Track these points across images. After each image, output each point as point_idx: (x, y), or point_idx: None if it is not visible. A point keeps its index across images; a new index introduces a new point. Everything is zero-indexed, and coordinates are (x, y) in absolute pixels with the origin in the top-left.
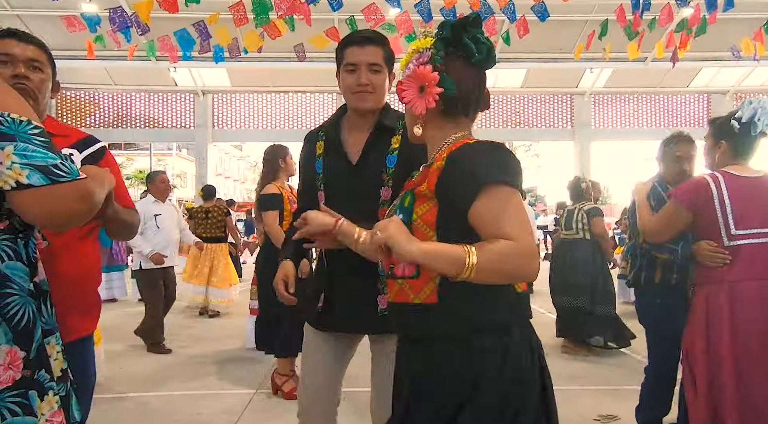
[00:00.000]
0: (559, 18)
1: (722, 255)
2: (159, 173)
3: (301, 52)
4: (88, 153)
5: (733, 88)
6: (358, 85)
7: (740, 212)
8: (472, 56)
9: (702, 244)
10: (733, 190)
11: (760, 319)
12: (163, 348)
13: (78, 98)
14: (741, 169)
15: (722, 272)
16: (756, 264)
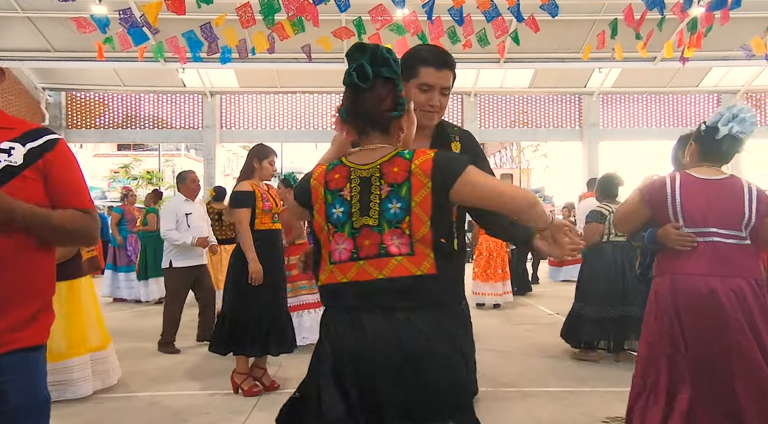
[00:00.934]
0: (567, 18)
1: (689, 238)
2: (189, 173)
3: (308, 53)
4: (33, 146)
5: (743, 88)
6: (430, 106)
7: (690, 211)
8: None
9: (668, 227)
10: (686, 191)
11: (704, 315)
12: (173, 348)
13: (87, 99)
14: (703, 171)
15: (671, 264)
16: (702, 260)
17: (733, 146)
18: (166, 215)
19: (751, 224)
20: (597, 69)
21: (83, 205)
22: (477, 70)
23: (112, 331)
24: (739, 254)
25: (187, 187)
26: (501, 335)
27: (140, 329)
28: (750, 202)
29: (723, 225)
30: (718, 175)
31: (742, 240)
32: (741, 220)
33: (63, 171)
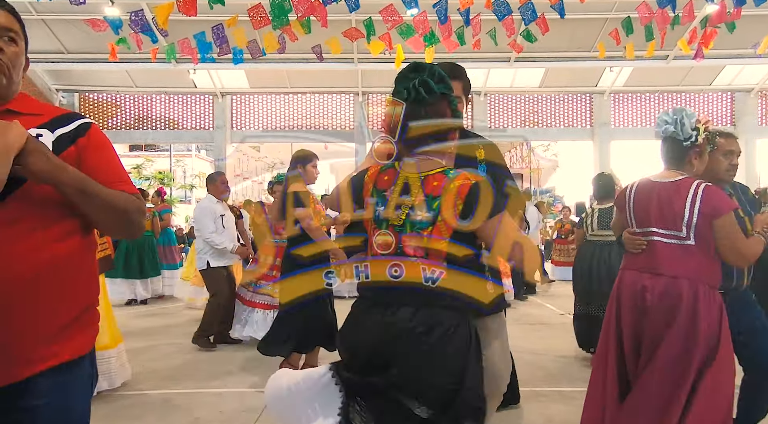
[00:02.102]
0: (577, 16)
1: (639, 241)
2: (219, 174)
3: (318, 53)
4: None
5: (758, 86)
6: None
7: (638, 212)
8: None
9: (624, 232)
10: (638, 194)
11: (633, 309)
12: (208, 343)
13: (100, 100)
14: (661, 175)
15: (625, 261)
16: (641, 258)
17: (675, 148)
18: (205, 217)
19: (692, 224)
20: (608, 68)
21: (130, 191)
22: (487, 70)
23: (124, 329)
24: (680, 253)
25: (216, 188)
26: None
27: (151, 328)
28: (692, 203)
29: (663, 225)
30: (672, 177)
31: (683, 240)
32: (681, 219)
33: (100, 157)
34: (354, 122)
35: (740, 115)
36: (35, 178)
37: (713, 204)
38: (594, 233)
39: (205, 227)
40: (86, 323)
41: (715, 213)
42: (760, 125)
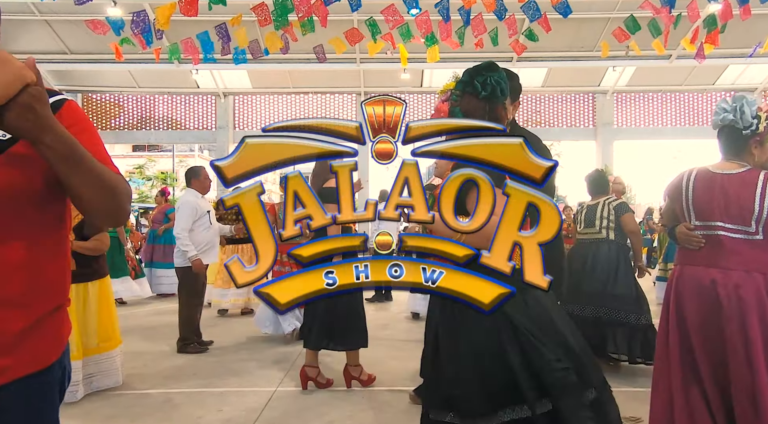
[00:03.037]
0: (580, 16)
1: (696, 239)
2: (201, 168)
3: (321, 53)
4: None
5: (761, 86)
6: None
7: (698, 205)
8: (479, 94)
9: (680, 226)
10: (698, 185)
11: (702, 305)
12: (196, 347)
13: (103, 101)
14: (721, 166)
15: (683, 256)
16: (705, 253)
17: (735, 137)
18: (184, 213)
19: (762, 219)
20: (611, 67)
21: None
22: None
23: (124, 330)
24: (747, 247)
25: (201, 183)
26: None
27: (154, 327)
28: (762, 197)
29: (729, 219)
30: (734, 169)
31: (751, 235)
32: (750, 214)
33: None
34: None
35: None
36: (11, 132)
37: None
38: (580, 231)
39: (179, 222)
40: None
41: None
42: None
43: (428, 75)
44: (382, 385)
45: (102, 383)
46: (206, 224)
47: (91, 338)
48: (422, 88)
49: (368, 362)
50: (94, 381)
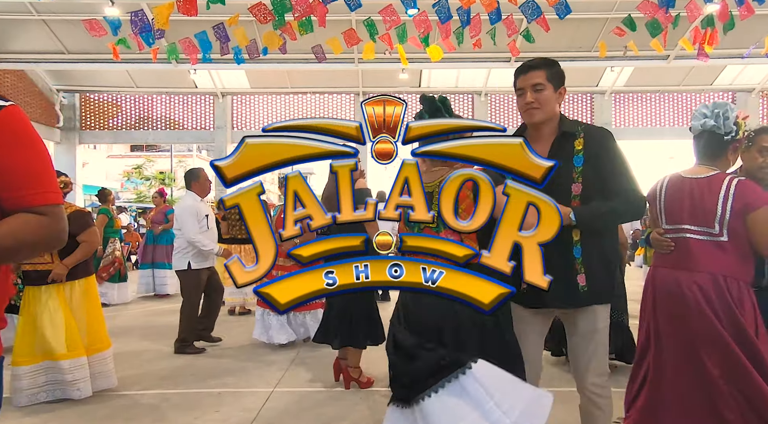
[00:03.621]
0: (578, 16)
1: (666, 242)
2: (200, 170)
3: (319, 53)
4: None
5: (759, 86)
6: (525, 104)
7: (669, 209)
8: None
9: (653, 232)
10: (670, 190)
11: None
12: (194, 348)
13: (101, 101)
14: (692, 171)
15: (656, 258)
16: (674, 255)
17: (714, 143)
18: (190, 216)
19: (725, 221)
20: (609, 68)
21: (37, 201)
22: (488, 70)
23: (122, 330)
24: (712, 249)
25: (201, 185)
26: None
27: (150, 328)
28: (725, 199)
29: (695, 222)
30: (703, 173)
31: (715, 236)
32: (713, 216)
33: (10, 152)
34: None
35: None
36: None
37: (745, 199)
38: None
39: (188, 227)
40: None
41: (748, 208)
42: (762, 125)
43: (427, 75)
44: (379, 386)
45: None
46: (204, 228)
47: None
48: (421, 88)
49: (365, 363)
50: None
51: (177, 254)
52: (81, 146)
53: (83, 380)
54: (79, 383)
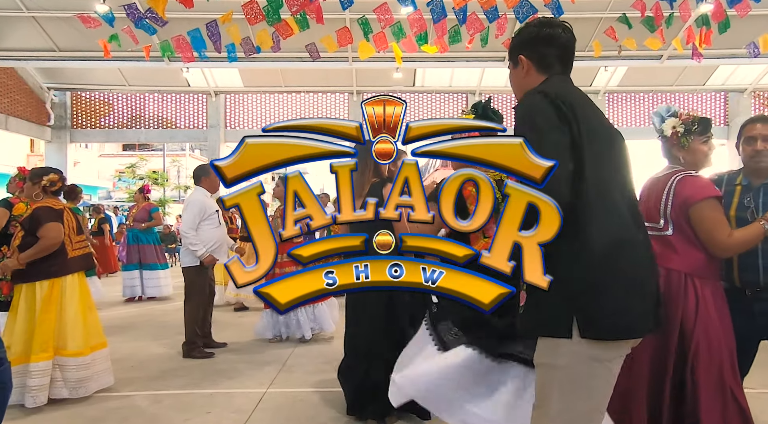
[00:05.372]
0: (572, 16)
1: None
2: (208, 165)
3: (314, 51)
4: None
5: (751, 86)
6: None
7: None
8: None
9: None
10: (643, 190)
11: None
12: (203, 352)
13: (93, 99)
14: (661, 170)
15: None
16: None
17: (661, 144)
18: (192, 210)
19: (667, 215)
20: (603, 67)
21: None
22: (482, 69)
23: (113, 330)
24: (658, 244)
25: (211, 181)
26: None
27: (140, 330)
28: (667, 195)
29: (649, 218)
30: (664, 172)
31: (660, 231)
32: (658, 212)
33: None
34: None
35: (734, 115)
36: None
37: (685, 193)
38: None
39: (185, 219)
40: None
41: (687, 202)
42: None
43: (421, 74)
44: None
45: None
46: (215, 223)
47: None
48: (415, 87)
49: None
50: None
51: (186, 251)
52: (72, 145)
53: (38, 388)
54: (34, 390)
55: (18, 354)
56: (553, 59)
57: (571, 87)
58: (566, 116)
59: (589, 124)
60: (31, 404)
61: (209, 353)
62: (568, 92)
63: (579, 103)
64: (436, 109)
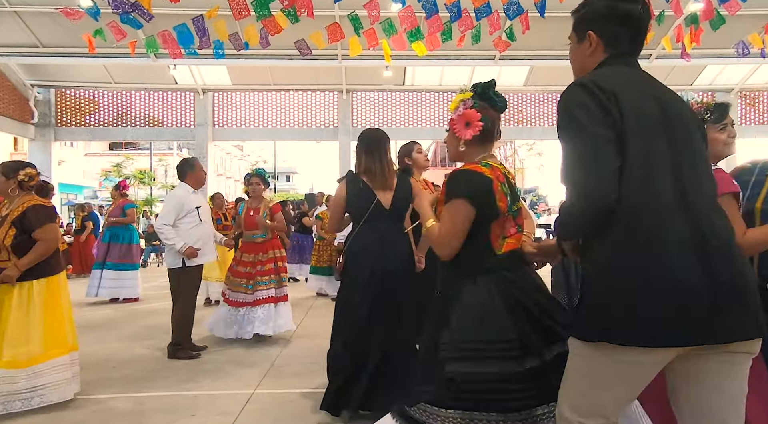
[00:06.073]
0: (562, 14)
1: None
2: (196, 159)
3: (303, 48)
4: None
5: (737, 86)
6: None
7: None
8: (496, 105)
9: None
10: None
11: None
12: (190, 353)
13: (78, 97)
14: None
15: None
16: None
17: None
18: (169, 205)
19: None
20: None
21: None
22: (472, 68)
23: (89, 331)
24: None
25: (196, 176)
26: None
27: (124, 329)
28: None
29: None
30: None
31: None
32: None
33: None
34: (338, 120)
35: None
36: None
37: None
38: None
39: (162, 214)
40: None
41: None
42: (740, 125)
43: (410, 73)
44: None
45: (47, 399)
46: (195, 221)
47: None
48: (405, 86)
49: None
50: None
51: (170, 251)
52: (57, 143)
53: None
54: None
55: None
56: (624, 39)
57: (620, 70)
58: (607, 107)
59: (637, 111)
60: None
61: (195, 354)
62: (613, 80)
63: (622, 90)
64: (425, 108)
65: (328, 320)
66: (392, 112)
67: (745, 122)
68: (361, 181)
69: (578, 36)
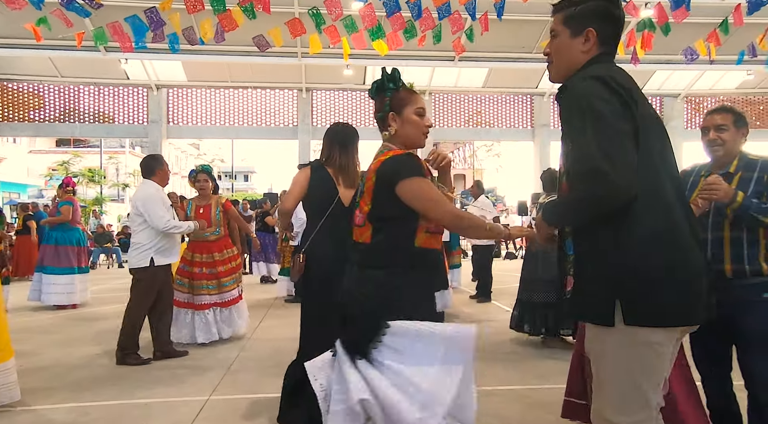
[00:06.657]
0: (521, 17)
1: None
2: (161, 156)
3: (262, 43)
4: None
5: (684, 91)
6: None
7: None
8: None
9: None
10: None
11: None
12: (140, 358)
13: (21, 90)
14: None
15: None
16: None
17: None
18: (155, 205)
19: None
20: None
21: None
22: (432, 69)
23: (37, 336)
24: None
25: (164, 174)
26: None
27: (68, 334)
28: None
29: None
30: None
31: None
32: None
33: None
34: (298, 119)
35: (668, 119)
36: None
37: None
38: None
39: (159, 215)
40: None
41: None
42: (686, 129)
43: (371, 72)
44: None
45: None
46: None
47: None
48: (365, 85)
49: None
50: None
51: (136, 251)
52: None
53: None
54: None
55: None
56: (612, 39)
57: (616, 68)
58: (627, 102)
59: (644, 110)
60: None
61: (146, 360)
62: (624, 77)
63: (635, 88)
64: None
65: (286, 321)
66: (353, 112)
67: (690, 126)
68: (326, 173)
69: (572, 30)
